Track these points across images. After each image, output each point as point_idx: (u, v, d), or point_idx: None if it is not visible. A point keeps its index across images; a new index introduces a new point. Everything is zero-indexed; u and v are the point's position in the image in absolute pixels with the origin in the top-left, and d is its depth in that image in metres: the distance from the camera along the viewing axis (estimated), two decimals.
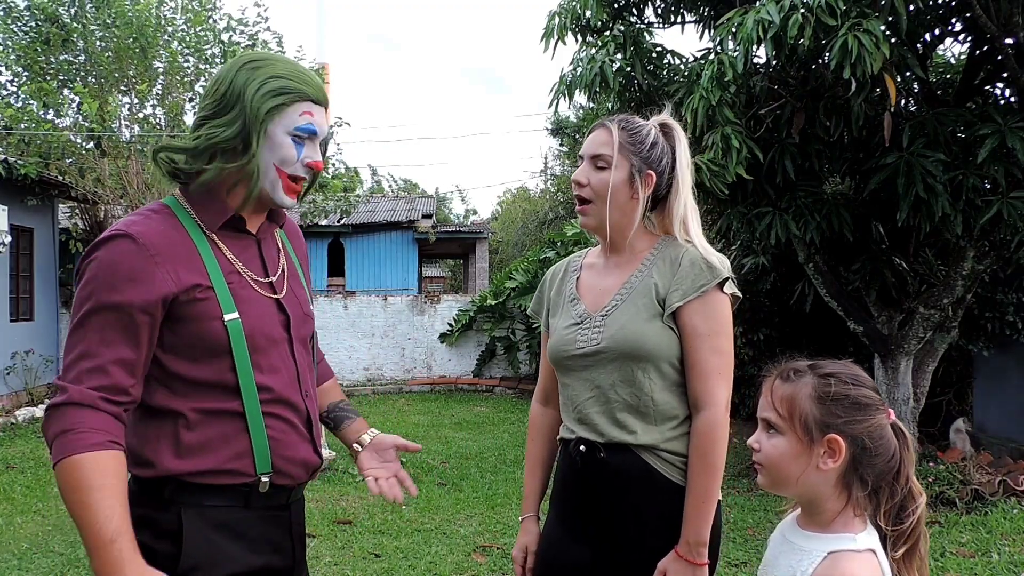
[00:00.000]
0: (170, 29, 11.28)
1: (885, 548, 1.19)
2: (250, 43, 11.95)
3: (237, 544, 1.35)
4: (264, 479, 1.37)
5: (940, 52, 6.27)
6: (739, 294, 1.64)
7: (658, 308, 1.60)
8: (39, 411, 9.37)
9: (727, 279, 1.59)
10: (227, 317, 1.34)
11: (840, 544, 1.17)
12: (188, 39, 11.36)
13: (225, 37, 11.62)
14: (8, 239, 8.94)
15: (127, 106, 11.10)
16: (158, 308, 1.30)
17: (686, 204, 1.67)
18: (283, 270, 1.50)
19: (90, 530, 1.20)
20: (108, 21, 10.69)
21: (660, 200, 1.69)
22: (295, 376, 1.44)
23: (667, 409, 1.60)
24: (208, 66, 11.57)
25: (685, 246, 1.63)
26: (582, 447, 1.65)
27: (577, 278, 1.78)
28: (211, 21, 11.72)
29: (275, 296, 1.45)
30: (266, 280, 1.45)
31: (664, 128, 1.70)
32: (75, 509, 1.22)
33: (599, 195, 1.64)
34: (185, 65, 11.20)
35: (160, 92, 11.16)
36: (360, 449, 1.60)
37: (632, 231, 1.67)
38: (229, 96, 1.38)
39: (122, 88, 10.92)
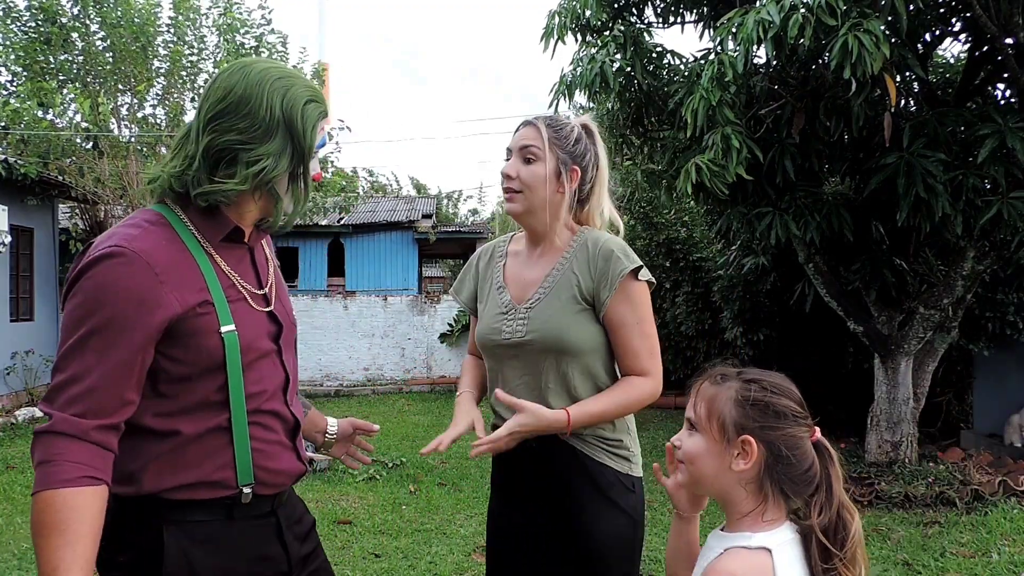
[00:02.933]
0: (171, 29, 11.26)
1: (808, 552, 1.19)
2: (255, 44, 11.91)
3: (220, 558, 1.33)
4: (246, 490, 1.35)
5: (940, 52, 6.28)
6: (653, 281, 1.74)
7: (581, 303, 1.70)
8: (39, 411, 9.36)
9: (641, 267, 1.69)
10: (224, 329, 1.32)
11: (736, 541, 1.20)
12: (187, 38, 11.34)
13: (228, 37, 11.58)
14: (8, 239, 8.94)
15: (126, 106, 11.09)
16: (160, 330, 1.26)
17: (605, 199, 1.80)
18: (272, 279, 1.49)
19: None
20: (114, 20, 10.65)
21: (582, 196, 1.79)
22: (282, 385, 1.43)
23: (586, 396, 1.70)
24: (211, 64, 11.53)
25: (601, 238, 1.73)
26: None
27: (503, 264, 1.85)
28: (220, 19, 11.68)
29: (267, 309, 1.44)
30: (260, 292, 1.43)
31: (586, 128, 1.79)
32: (37, 549, 1.17)
33: (528, 186, 1.71)
34: (186, 64, 11.17)
35: (160, 92, 11.14)
36: (333, 441, 1.74)
37: (557, 224, 1.76)
38: (269, 120, 1.33)
39: (119, 88, 10.90)
